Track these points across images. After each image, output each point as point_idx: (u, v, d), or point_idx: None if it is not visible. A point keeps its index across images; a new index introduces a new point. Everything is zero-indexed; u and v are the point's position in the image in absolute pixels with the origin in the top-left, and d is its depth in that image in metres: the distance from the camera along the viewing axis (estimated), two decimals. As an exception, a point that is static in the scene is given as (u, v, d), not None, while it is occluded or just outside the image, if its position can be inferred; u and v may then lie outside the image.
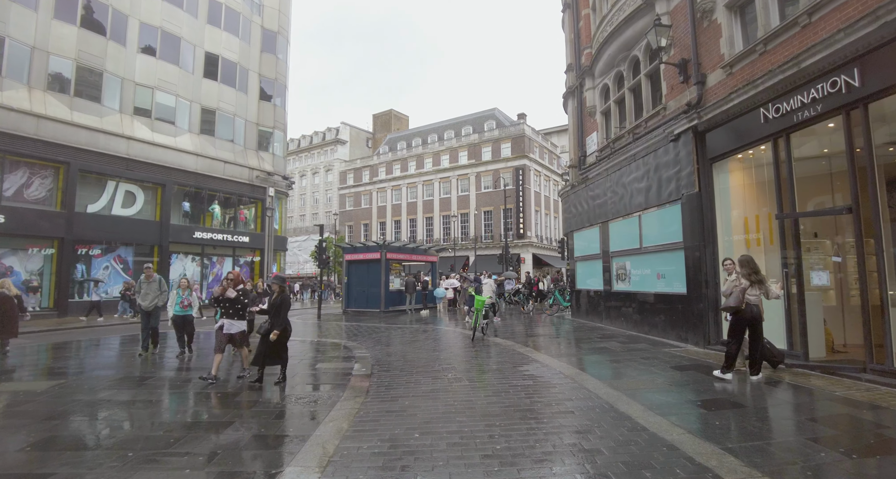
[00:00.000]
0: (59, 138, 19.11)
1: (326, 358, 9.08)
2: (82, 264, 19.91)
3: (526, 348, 9.46)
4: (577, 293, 15.06)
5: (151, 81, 23.00)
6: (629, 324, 11.56)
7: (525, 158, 43.76)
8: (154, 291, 9.35)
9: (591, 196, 13.68)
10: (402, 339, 11.47)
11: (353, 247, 20.19)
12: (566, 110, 17.16)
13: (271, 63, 29.46)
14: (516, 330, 13.10)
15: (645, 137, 11.11)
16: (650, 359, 7.98)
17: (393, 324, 15.21)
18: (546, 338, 11.36)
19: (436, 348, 9.80)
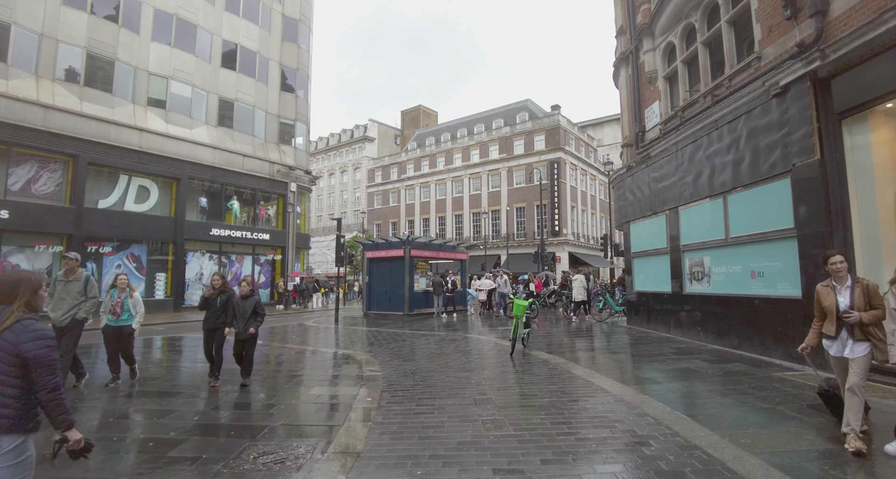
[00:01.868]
0: (68, 130, 18.10)
1: (327, 378, 7.17)
2: (93, 262, 18.85)
3: (581, 369, 7.28)
4: (633, 296, 12.69)
5: (166, 71, 21.89)
6: (709, 335, 9.18)
7: (560, 150, 41.14)
8: (73, 296, 6.30)
9: (653, 178, 11.32)
10: (426, 350, 9.47)
11: (374, 243, 18.38)
12: (616, 83, 14.79)
13: (293, 52, 28.12)
14: (562, 341, 10.89)
15: (729, 99, 8.73)
16: (764, 389, 5.68)
17: (417, 330, 13.26)
18: (604, 353, 9.12)
19: (466, 366, 7.74)
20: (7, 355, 2.06)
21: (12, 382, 2.07)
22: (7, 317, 2.11)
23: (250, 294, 6.54)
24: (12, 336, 2.08)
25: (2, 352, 2.06)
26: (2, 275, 2.30)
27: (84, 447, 2.22)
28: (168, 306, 20.84)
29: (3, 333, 2.08)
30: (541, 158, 41.68)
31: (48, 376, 2.10)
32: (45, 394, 2.09)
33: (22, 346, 2.07)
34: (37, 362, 2.08)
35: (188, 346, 10.75)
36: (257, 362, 8.40)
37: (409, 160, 53.02)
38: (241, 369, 6.56)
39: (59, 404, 2.13)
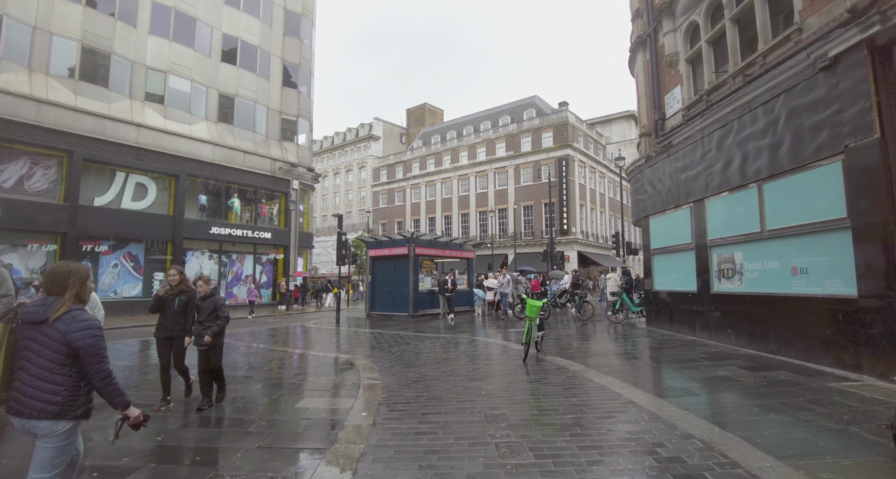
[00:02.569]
0: (62, 125, 17.54)
1: (320, 387, 6.42)
2: (88, 261, 18.27)
3: (604, 377, 6.48)
4: (653, 295, 11.85)
5: (164, 65, 21.31)
6: (742, 339, 8.33)
7: (569, 147, 40.23)
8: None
9: (675, 168, 10.47)
10: (431, 355, 8.70)
11: (377, 241, 17.63)
12: (632, 70, 13.95)
13: (295, 47, 27.49)
14: (578, 345, 10.08)
15: (764, 78, 7.89)
16: (824, 404, 4.85)
17: (422, 332, 12.50)
18: (626, 359, 8.30)
19: (475, 374, 6.96)
20: (57, 345, 2.14)
21: (62, 370, 2.15)
22: (59, 308, 2.18)
23: (211, 294, 5.58)
24: (63, 326, 2.15)
25: (53, 341, 2.14)
26: (52, 267, 2.34)
27: (144, 418, 2.36)
28: (166, 306, 20.20)
29: (55, 323, 2.15)
30: (549, 155, 40.79)
31: (98, 363, 2.18)
32: (98, 381, 2.19)
33: (72, 335, 2.14)
34: (86, 351, 2.16)
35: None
36: (245, 369, 7.71)
37: (415, 159, 52.31)
38: (201, 389, 5.43)
39: (113, 388, 2.23)
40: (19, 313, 2.23)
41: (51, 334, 2.14)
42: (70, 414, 2.16)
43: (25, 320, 2.19)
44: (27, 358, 2.15)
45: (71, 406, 2.16)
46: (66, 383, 2.15)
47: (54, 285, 2.24)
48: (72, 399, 2.16)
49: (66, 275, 2.26)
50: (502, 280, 15.64)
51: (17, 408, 2.13)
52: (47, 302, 2.21)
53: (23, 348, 2.17)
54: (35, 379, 2.13)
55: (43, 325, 2.16)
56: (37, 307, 2.20)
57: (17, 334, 2.20)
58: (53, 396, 2.12)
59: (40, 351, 2.14)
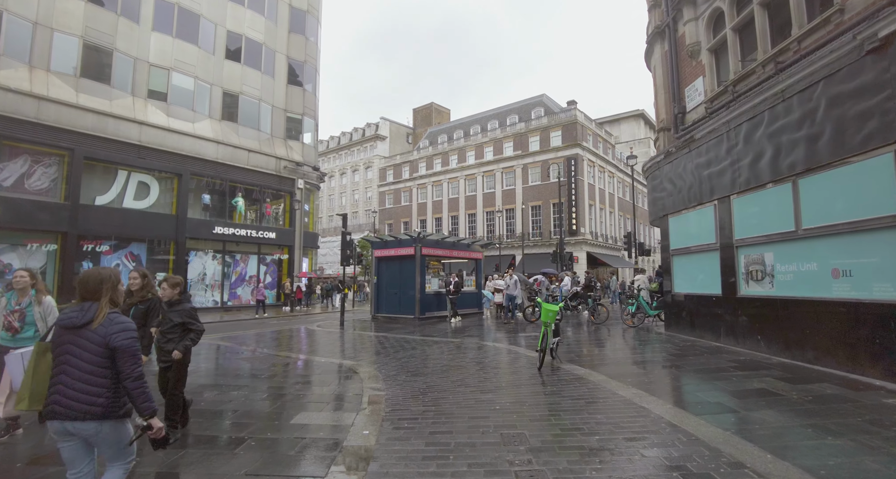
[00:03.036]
0: (63, 122, 17.24)
1: (321, 399, 5.92)
2: (89, 262, 17.96)
3: (629, 389, 5.92)
4: (673, 298, 11.24)
5: (167, 62, 21.00)
6: (774, 346, 7.73)
7: (578, 146, 39.55)
8: None
9: (698, 164, 9.88)
10: (439, 362, 8.18)
11: (382, 241, 17.14)
12: (649, 63, 13.37)
13: (300, 44, 27.12)
14: (595, 351, 9.51)
15: (800, 65, 7.28)
16: (886, 426, 4.26)
17: (429, 335, 11.98)
18: (650, 367, 7.72)
19: (487, 385, 6.43)
20: (98, 347, 2.20)
21: (103, 372, 2.21)
22: (99, 312, 2.26)
23: (178, 300, 4.52)
24: (102, 329, 2.22)
25: (93, 344, 2.20)
26: (85, 274, 2.40)
27: (165, 437, 2.32)
28: (168, 307, 19.85)
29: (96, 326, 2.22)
30: (557, 154, 40.15)
31: (132, 365, 2.23)
32: (130, 382, 2.21)
33: (111, 337, 2.20)
34: (123, 351, 2.21)
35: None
36: (245, 376, 7.24)
37: (422, 158, 51.84)
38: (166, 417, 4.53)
39: (143, 392, 2.24)
40: (57, 320, 2.28)
41: (91, 337, 2.20)
42: (114, 415, 2.22)
43: (64, 326, 2.24)
44: (68, 362, 2.20)
45: (114, 407, 2.22)
46: (108, 385, 2.21)
47: (89, 292, 2.32)
48: (114, 400, 2.22)
49: (99, 281, 2.34)
50: (509, 281, 14.99)
51: (61, 411, 2.16)
52: (84, 308, 2.28)
53: (63, 353, 2.21)
54: (78, 382, 2.18)
55: (83, 329, 2.22)
56: (75, 313, 2.27)
57: (56, 341, 2.25)
58: (97, 398, 2.17)
59: (82, 355, 2.20)
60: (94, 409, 2.17)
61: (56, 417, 2.18)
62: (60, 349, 2.23)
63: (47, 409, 2.20)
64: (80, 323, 2.23)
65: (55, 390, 2.20)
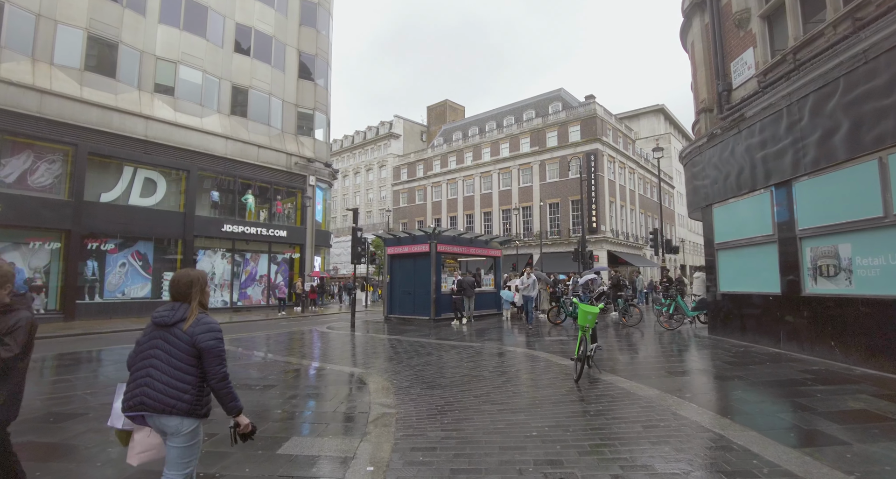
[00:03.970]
0: (66, 117, 16.70)
1: (319, 419, 4.97)
2: (94, 261, 17.41)
3: (691, 407, 4.85)
4: (718, 298, 10.06)
5: (174, 55, 20.40)
6: (854, 355, 6.55)
7: (597, 141, 38.18)
8: None
9: (750, 146, 8.71)
10: (458, 371, 7.18)
11: (396, 238, 16.20)
12: (684, 41, 12.20)
13: (311, 37, 26.40)
14: (636, 358, 8.41)
15: (886, 19, 6.11)
16: None
17: (445, 338, 11.00)
18: (709, 379, 6.61)
19: (518, 401, 5.42)
20: (187, 346, 2.27)
21: (190, 370, 2.28)
22: (190, 313, 2.33)
23: (9, 309, 2.63)
24: (191, 329, 2.29)
25: (182, 342, 2.28)
26: (176, 276, 2.47)
27: (253, 430, 2.42)
28: (176, 307, 19.23)
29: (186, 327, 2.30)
30: (576, 150, 38.82)
31: (218, 365, 2.30)
32: (216, 382, 2.29)
33: (198, 337, 2.27)
34: (209, 352, 2.28)
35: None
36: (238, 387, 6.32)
37: (436, 156, 50.93)
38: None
39: (228, 392, 2.31)
40: (152, 316, 2.38)
41: (180, 336, 2.28)
42: (196, 413, 2.27)
43: (156, 323, 2.33)
44: (157, 357, 2.28)
45: (198, 405, 2.28)
46: (194, 383, 2.28)
47: (179, 293, 2.40)
48: (198, 398, 2.29)
49: (189, 283, 2.41)
50: (527, 281, 13.73)
51: (150, 403, 2.22)
52: (175, 307, 2.36)
53: (153, 348, 2.30)
54: (166, 376, 2.25)
55: (173, 327, 2.30)
56: (166, 311, 2.34)
57: (147, 335, 2.34)
58: (183, 394, 2.24)
59: (171, 351, 2.28)
60: (180, 405, 2.22)
61: (143, 409, 2.23)
62: (150, 344, 2.30)
63: (135, 400, 2.23)
64: (170, 322, 2.31)
65: (143, 383, 2.25)
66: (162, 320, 2.32)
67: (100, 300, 17.40)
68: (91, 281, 17.33)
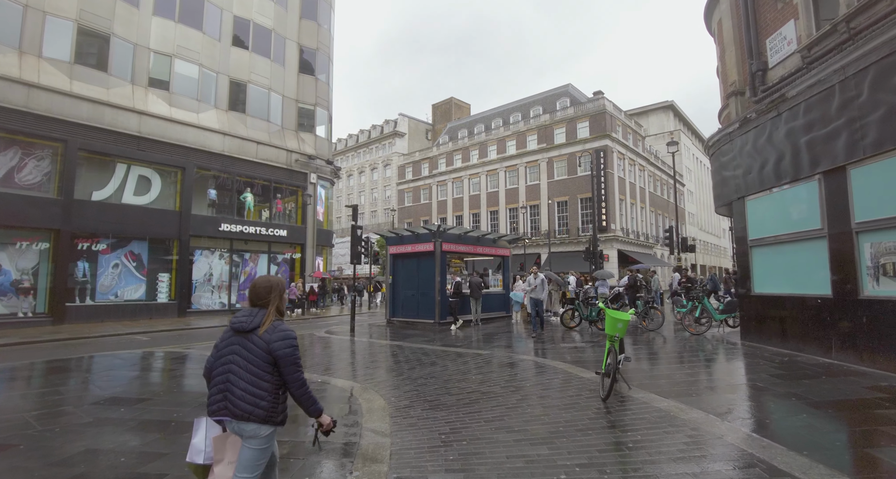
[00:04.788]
0: (55, 112, 16.00)
1: (292, 453, 4.09)
2: (84, 261, 16.70)
3: (752, 437, 3.93)
4: (752, 300, 9.10)
5: (169, 48, 19.68)
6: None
7: (607, 137, 37.15)
8: None
9: (792, 129, 7.75)
10: (466, 385, 6.30)
11: (398, 236, 15.33)
12: (709, 21, 11.25)
13: (312, 31, 25.62)
14: (669, 370, 7.48)
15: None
16: None
17: (450, 345, 10.12)
18: (758, 397, 5.68)
19: (535, 428, 4.53)
20: (263, 353, 2.26)
21: (266, 377, 2.27)
22: (266, 319, 2.31)
23: None
24: (266, 336, 2.28)
25: (259, 349, 2.26)
26: (256, 281, 2.44)
27: (333, 424, 2.48)
28: (171, 310, 18.54)
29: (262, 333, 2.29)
30: (585, 146, 37.78)
31: (295, 372, 2.30)
32: (295, 389, 2.31)
33: (273, 344, 2.26)
34: (285, 359, 2.27)
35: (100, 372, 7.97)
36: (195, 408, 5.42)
37: (441, 155, 50.06)
38: None
39: (308, 396, 2.35)
40: (230, 321, 2.36)
41: (257, 342, 2.26)
42: (272, 420, 2.27)
43: (234, 329, 2.31)
44: (237, 363, 2.28)
45: (274, 412, 2.27)
46: (270, 390, 2.27)
47: (259, 298, 2.37)
48: (275, 405, 2.28)
49: (268, 289, 2.38)
50: (534, 281, 11.90)
51: (231, 409, 2.23)
52: (252, 313, 2.34)
53: (231, 353, 2.30)
54: (245, 383, 2.24)
55: (250, 334, 2.29)
56: (245, 317, 2.33)
57: (226, 340, 2.33)
58: (260, 401, 2.23)
59: (249, 358, 2.27)
60: (257, 411, 2.22)
61: (225, 414, 2.24)
62: (228, 349, 2.31)
63: (217, 405, 2.26)
64: (248, 327, 2.29)
65: (224, 388, 2.26)
66: (240, 326, 2.31)
67: (91, 303, 16.69)
68: (82, 283, 16.63)
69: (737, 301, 10.66)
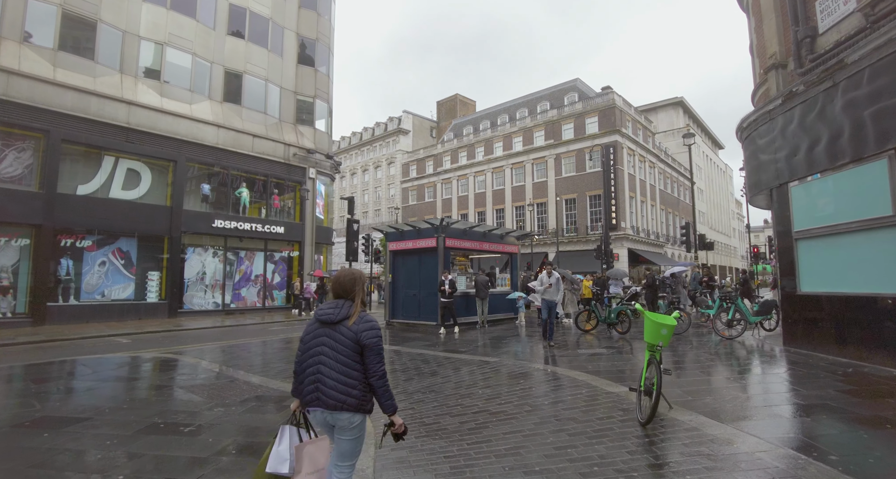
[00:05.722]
0: (37, 100, 15.12)
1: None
2: (69, 259, 15.81)
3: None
4: (794, 301, 7.98)
5: (161, 36, 18.78)
6: None
7: (616, 133, 35.96)
8: None
9: (852, 100, 6.65)
10: (470, 402, 5.26)
11: (398, 231, 14.30)
12: (741, -10, 10.13)
13: (311, 20, 24.67)
14: (712, 383, 6.39)
15: None
16: None
17: (454, 351, 9.08)
18: (838, 420, 4.59)
19: (564, 473, 3.48)
20: (352, 343, 2.30)
21: (356, 366, 2.31)
22: (354, 310, 2.37)
23: None
24: (355, 326, 2.32)
25: (348, 340, 2.30)
26: (339, 274, 2.49)
27: (405, 430, 2.39)
28: (161, 310, 17.62)
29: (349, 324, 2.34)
30: (594, 142, 36.55)
31: (379, 363, 2.32)
32: (376, 379, 2.30)
33: (362, 334, 2.31)
34: (371, 349, 2.31)
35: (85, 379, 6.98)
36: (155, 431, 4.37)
37: (446, 152, 49.03)
38: None
39: (387, 389, 2.32)
40: (316, 314, 2.40)
41: (345, 332, 2.30)
42: (363, 408, 2.29)
43: (322, 321, 2.35)
44: (326, 354, 2.31)
45: (365, 400, 2.29)
46: (360, 379, 2.29)
47: (344, 290, 2.42)
48: (365, 394, 2.30)
49: (353, 282, 2.43)
50: (547, 280, 9.78)
51: (324, 400, 2.25)
52: (338, 305, 2.38)
53: (320, 345, 2.33)
54: (336, 373, 2.27)
55: (338, 325, 2.32)
56: (331, 309, 2.36)
57: (312, 333, 2.38)
58: (352, 389, 2.26)
59: (338, 348, 2.30)
60: (350, 400, 2.25)
61: (319, 405, 2.26)
62: (316, 342, 2.35)
63: (311, 396, 2.28)
64: (336, 319, 2.32)
65: (316, 379, 2.29)
66: (328, 318, 2.33)
67: (75, 303, 15.79)
68: (65, 281, 15.72)
69: (773, 301, 9.54)
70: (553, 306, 9.72)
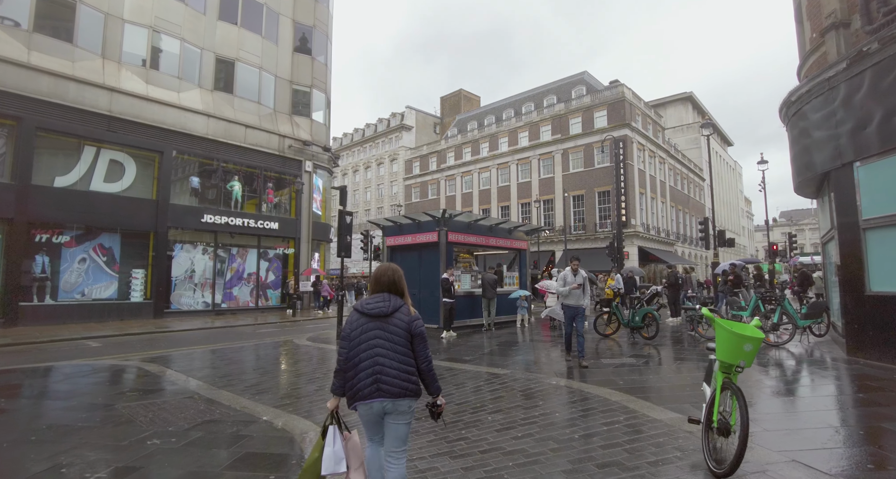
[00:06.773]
0: (9, 85, 14.07)
1: None
2: (44, 255, 14.74)
3: None
4: (862, 303, 6.74)
5: (146, 20, 17.68)
6: None
7: (626, 127, 34.62)
8: None
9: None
10: (478, 434, 4.07)
11: (397, 225, 13.12)
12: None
13: (308, 6, 23.54)
14: (788, 406, 5.18)
15: None
16: None
17: (458, 358, 7.89)
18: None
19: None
20: (405, 333, 2.43)
21: (411, 354, 2.43)
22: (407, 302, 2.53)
23: None
24: (405, 317, 2.46)
25: (402, 330, 2.42)
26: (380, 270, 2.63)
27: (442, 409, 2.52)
28: (146, 310, 16.53)
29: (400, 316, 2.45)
30: (603, 136, 35.20)
31: (426, 350, 2.47)
32: (425, 365, 2.46)
33: (412, 324, 2.46)
34: (420, 337, 2.46)
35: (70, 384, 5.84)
36: None
37: (450, 148, 47.80)
38: None
39: (434, 374, 2.49)
40: (364, 307, 2.46)
41: (398, 324, 2.41)
42: (419, 393, 2.42)
43: (373, 315, 2.42)
44: (382, 346, 2.38)
45: (419, 385, 2.42)
46: (415, 365, 2.42)
47: (389, 284, 2.54)
48: (419, 379, 2.43)
49: (397, 275, 2.59)
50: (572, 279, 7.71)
51: (387, 389, 2.32)
52: (386, 298, 2.48)
53: (375, 338, 2.39)
54: (396, 363, 2.37)
55: (390, 317, 2.42)
56: (381, 303, 2.46)
57: (360, 327, 2.43)
58: (412, 376, 2.39)
59: (394, 339, 2.39)
60: (412, 387, 2.36)
61: (380, 395, 2.32)
62: (370, 335, 2.40)
63: (370, 389, 2.32)
64: (387, 312, 2.43)
65: (377, 371, 2.33)
66: (380, 311, 2.42)
67: (52, 302, 14.72)
68: (40, 279, 14.65)
69: (824, 302, 8.28)
70: (579, 314, 7.53)
